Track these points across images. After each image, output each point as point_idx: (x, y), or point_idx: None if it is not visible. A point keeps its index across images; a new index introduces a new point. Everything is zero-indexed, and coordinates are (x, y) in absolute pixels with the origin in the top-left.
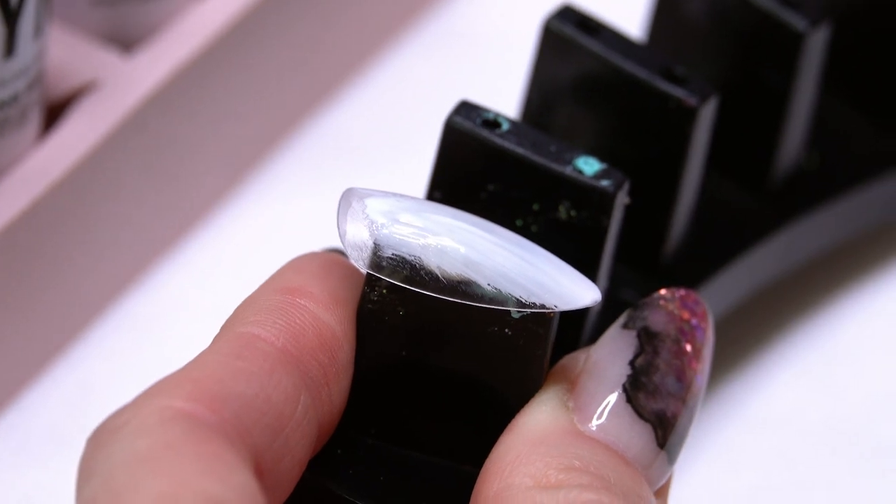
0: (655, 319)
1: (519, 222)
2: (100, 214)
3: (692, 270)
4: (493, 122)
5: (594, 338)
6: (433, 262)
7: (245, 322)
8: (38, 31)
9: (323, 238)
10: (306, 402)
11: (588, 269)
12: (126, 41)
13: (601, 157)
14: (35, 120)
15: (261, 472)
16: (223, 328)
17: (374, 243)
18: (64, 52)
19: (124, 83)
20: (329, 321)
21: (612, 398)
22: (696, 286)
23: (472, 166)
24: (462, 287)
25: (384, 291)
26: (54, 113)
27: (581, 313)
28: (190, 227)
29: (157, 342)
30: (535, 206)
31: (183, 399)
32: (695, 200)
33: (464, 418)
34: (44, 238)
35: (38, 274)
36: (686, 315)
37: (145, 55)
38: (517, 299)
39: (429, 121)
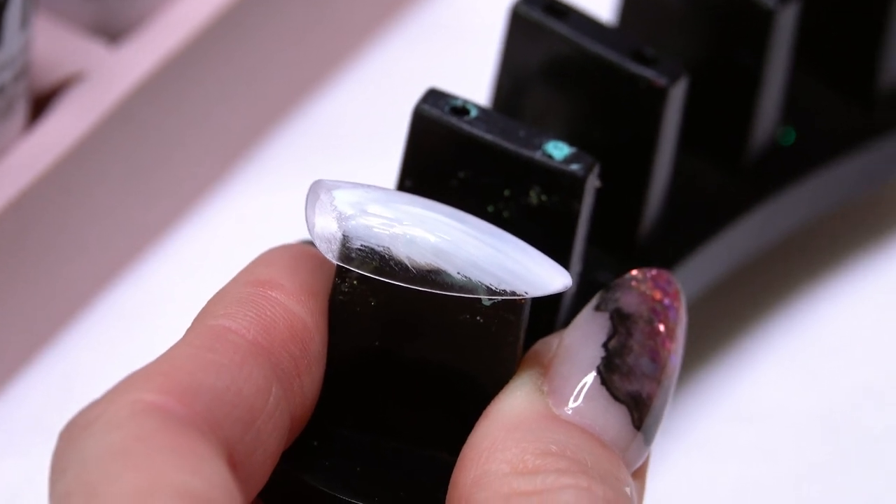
0: (627, 301)
1: (490, 208)
2: (86, 206)
3: (668, 251)
4: (461, 109)
5: (569, 322)
6: (402, 252)
7: (215, 315)
8: (25, 22)
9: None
10: (278, 394)
11: (561, 253)
12: (112, 32)
13: (573, 141)
14: (21, 111)
15: (233, 464)
16: (194, 321)
17: (343, 234)
18: (50, 43)
19: (111, 74)
20: (300, 313)
21: (587, 381)
22: (672, 267)
23: (442, 154)
24: (432, 276)
25: (355, 282)
26: (40, 104)
27: (555, 298)
28: (176, 219)
29: (142, 334)
30: (506, 192)
31: (154, 392)
32: (668, 181)
33: (439, 407)
34: (30, 229)
35: (24, 265)
36: (658, 295)
37: (132, 46)
38: (487, 287)
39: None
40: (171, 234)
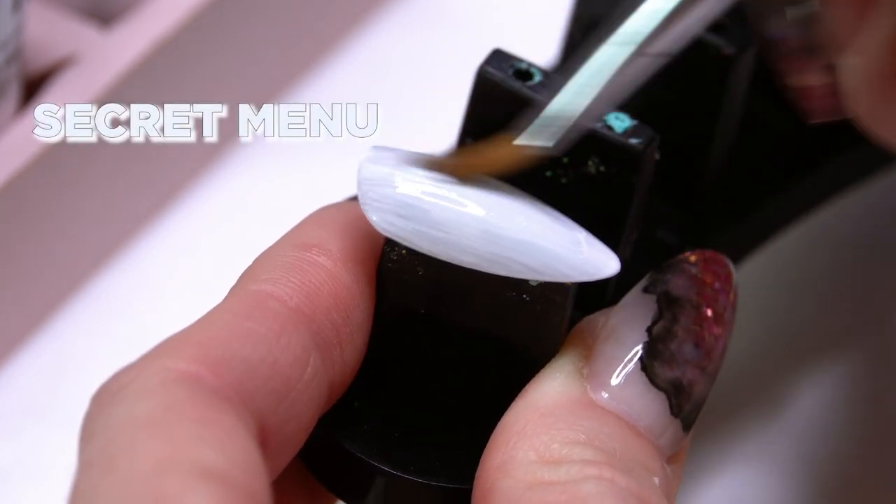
0: (676, 283)
1: (549, 173)
2: (78, 189)
3: (733, 205)
4: (525, 73)
5: (622, 285)
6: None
7: (258, 279)
8: (17, 5)
9: (304, 211)
10: (316, 364)
11: (616, 223)
12: (104, 16)
13: (638, 96)
14: (14, 94)
15: (265, 435)
16: (237, 283)
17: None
18: (42, 26)
19: (103, 58)
20: (345, 280)
21: (627, 366)
22: (737, 222)
23: (503, 116)
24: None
25: (403, 252)
26: (32, 87)
27: (612, 250)
28: (169, 202)
29: (135, 317)
30: (565, 159)
31: (187, 361)
32: (733, 142)
33: (479, 381)
34: (22, 212)
35: (17, 248)
36: (709, 279)
37: (124, 30)
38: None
39: (412, 94)
40: (164, 218)
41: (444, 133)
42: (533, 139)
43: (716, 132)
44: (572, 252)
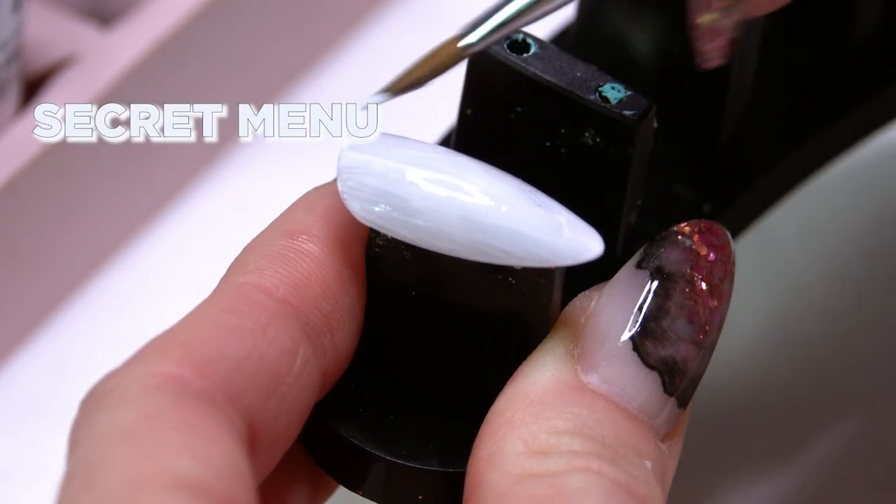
0: (670, 258)
1: (548, 143)
2: (78, 189)
3: (751, 159)
4: (521, 44)
5: (631, 247)
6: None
7: (245, 270)
8: (17, 5)
9: None
10: (306, 354)
11: (615, 192)
12: (105, 16)
13: (656, 51)
14: (14, 94)
15: (255, 432)
16: (226, 274)
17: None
18: (43, 26)
19: (103, 58)
20: (333, 266)
21: (618, 346)
22: (755, 176)
23: (500, 88)
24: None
25: (389, 237)
26: (33, 87)
27: (615, 218)
28: (168, 202)
29: (134, 317)
30: (563, 130)
31: (171, 363)
32: (748, 95)
33: (473, 363)
34: (22, 212)
35: (17, 248)
36: (704, 251)
37: (124, 30)
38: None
39: (412, 94)
40: (164, 218)
41: (444, 133)
42: (466, 38)
43: (728, 89)
44: (553, 237)
